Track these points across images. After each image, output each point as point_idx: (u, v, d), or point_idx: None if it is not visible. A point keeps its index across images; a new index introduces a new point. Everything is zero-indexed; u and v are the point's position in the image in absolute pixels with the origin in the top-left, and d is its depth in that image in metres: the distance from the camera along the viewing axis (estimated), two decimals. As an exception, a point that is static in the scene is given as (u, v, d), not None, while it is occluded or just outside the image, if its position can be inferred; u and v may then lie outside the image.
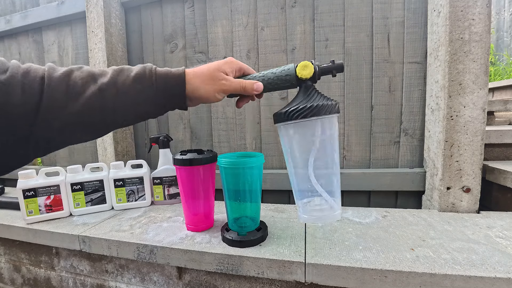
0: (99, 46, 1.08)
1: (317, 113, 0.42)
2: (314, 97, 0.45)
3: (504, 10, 3.18)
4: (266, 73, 0.48)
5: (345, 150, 0.98)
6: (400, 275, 0.52)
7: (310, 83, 0.47)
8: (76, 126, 0.35)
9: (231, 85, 0.45)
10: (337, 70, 0.49)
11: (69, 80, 0.34)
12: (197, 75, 0.42)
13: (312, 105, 0.42)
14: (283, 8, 0.98)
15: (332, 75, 0.49)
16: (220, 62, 0.46)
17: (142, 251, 0.69)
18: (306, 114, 0.42)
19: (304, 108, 0.43)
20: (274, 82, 0.48)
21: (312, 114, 0.42)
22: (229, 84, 0.45)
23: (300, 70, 0.46)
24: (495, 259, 0.54)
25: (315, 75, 0.47)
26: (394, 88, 0.92)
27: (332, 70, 0.49)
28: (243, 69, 0.50)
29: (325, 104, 0.43)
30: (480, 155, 0.77)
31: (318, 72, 0.48)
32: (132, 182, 0.93)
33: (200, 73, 0.43)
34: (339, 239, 0.66)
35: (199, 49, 1.08)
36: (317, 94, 0.46)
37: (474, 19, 0.73)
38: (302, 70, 0.46)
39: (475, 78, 0.75)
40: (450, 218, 0.76)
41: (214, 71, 0.43)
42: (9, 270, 0.96)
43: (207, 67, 0.44)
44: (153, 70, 0.40)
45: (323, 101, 0.43)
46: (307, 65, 0.46)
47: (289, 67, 0.48)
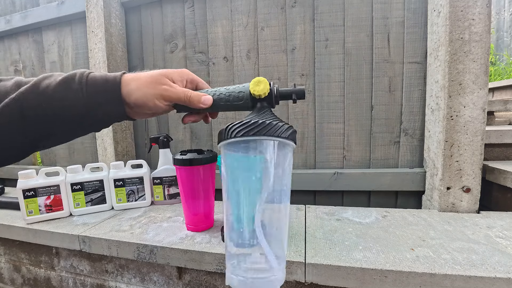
0: (99, 46, 1.08)
1: (267, 132, 0.32)
2: (268, 117, 0.36)
3: (504, 10, 3.18)
4: (219, 89, 0.42)
5: (345, 150, 0.98)
6: (400, 275, 0.52)
7: (266, 104, 0.39)
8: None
9: (174, 92, 0.38)
10: (297, 95, 0.41)
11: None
12: (137, 77, 0.37)
13: (264, 122, 0.32)
14: (283, 8, 0.98)
15: (292, 101, 0.41)
16: (170, 69, 0.41)
17: (142, 251, 0.69)
18: (251, 131, 0.32)
19: (250, 123, 0.32)
20: (226, 99, 0.41)
21: (260, 132, 0.32)
22: (172, 91, 0.38)
23: (253, 85, 0.38)
24: (495, 259, 0.54)
25: (272, 96, 0.39)
26: (394, 88, 0.92)
27: (291, 94, 0.41)
28: (196, 81, 0.44)
29: (280, 125, 0.33)
30: (480, 155, 0.77)
31: (275, 93, 0.40)
32: (132, 182, 0.93)
33: (141, 76, 0.37)
34: (339, 239, 0.66)
35: (199, 49, 1.08)
36: (273, 116, 0.37)
37: (474, 19, 0.73)
38: (255, 86, 0.38)
39: (475, 78, 0.75)
40: (450, 218, 0.76)
41: (158, 76, 0.38)
42: (9, 270, 0.96)
43: (152, 71, 0.39)
44: (85, 74, 0.35)
45: (281, 122, 0.34)
46: (261, 81, 0.38)
47: (244, 85, 0.40)
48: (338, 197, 0.99)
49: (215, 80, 1.07)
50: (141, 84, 0.37)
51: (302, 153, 1.01)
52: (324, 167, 1.00)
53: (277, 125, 0.32)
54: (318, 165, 1.00)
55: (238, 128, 0.32)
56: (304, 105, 0.99)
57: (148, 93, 0.37)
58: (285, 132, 0.33)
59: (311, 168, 1.01)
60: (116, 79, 0.36)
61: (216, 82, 1.07)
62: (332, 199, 1.00)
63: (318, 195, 1.01)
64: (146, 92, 0.37)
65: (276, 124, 0.32)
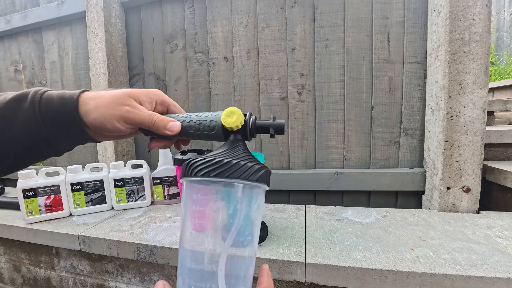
0: (99, 46, 1.08)
1: (232, 174, 0.27)
2: (238, 154, 0.31)
3: (504, 10, 3.18)
4: (191, 115, 0.37)
5: (345, 150, 0.98)
6: (400, 275, 0.52)
7: (239, 137, 0.34)
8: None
9: (137, 114, 0.34)
10: (275, 130, 0.36)
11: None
12: (97, 96, 0.33)
13: (230, 162, 0.27)
14: (283, 8, 0.98)
15: (270, 135, 0.36)
16: (137, 89, 0.36)
17: (142, 251, 0.69)
18: (214, 171, 0.27)
19: (213, 161, 0.27)
20: (196, 127, 0.36)
21: (223, 174, 0.27)
22: (135, 113, 0.34)
23: (225, 116, 0.33)
24: (495, 259, 0.54)
25: (246, 128, 0.34)
26: (394, 88, 0.92)
27: (269, 127, 0.36)
28: (167, 103, 0.39)
29: (249, 165, 0.28)
30: (480, 155, 0.77)
31: (251, 125, 0.35)
32: (132, 182, 0.93)
33: (102, 95, 0.33)
34: (339, 239, 0.66)
35: (199, 49, 1.08)
36: (245, 153, 0.31)
37: (474, 19, 0.73)
38: (226, 117, 0.33)
39: (475, 78, 0.75)
40: (450, 218, 0.76)
41: (121, 95, 0.34)
42: (9, 270, 0.96)
43: (117, 90, 0.35)
44: (40, 91, 0.32)
45: (251, 162, 0.29)
46: (234, 112, 0.33)
47: (217, 113, 0.35)
48: (338, 197, 0.99)
49: (215, 80, 1.07)
50: (101, 103, 0.33)
51: (302, 153, 1.01)
52: (324, 167, 1.00)
53: (245, 165, 0.27)
54: (318, 165, 1.00)
55: (200, 166, 0.27)
56: (304, 105, 0.99)
57: (107, 114, 0.33)
58: (255, 173, 0.28)
59: (311, 168, 1.01)
60: (73, 97, 0.32)
61: (216, 82, 1.07)
62: (332, 199, 1.00)
63: (318, 195, 1.01)
64: (105, 112, 0.33)
65: (245, 164, 0.28)
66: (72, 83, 1.26)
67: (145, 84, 1.17)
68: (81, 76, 1.24)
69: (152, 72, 1.15)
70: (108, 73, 1.07)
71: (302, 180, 0.98)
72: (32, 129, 0.31)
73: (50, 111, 0.31)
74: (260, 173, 0.29)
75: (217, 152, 0.31)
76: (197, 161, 0.28)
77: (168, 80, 1.13)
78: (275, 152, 1.04)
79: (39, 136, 0.31)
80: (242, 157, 0.29)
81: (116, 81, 1.11)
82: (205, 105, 1.10)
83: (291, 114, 1.01)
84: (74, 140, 0.34)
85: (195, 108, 1.11)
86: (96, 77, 1.10)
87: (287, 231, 0.71)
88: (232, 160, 0.28)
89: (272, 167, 1.04)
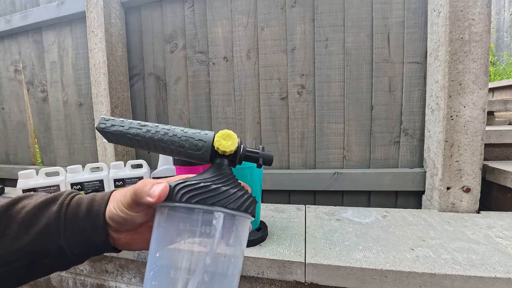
0: (99, 46, 1.08)
1: (219, 202, 0.26)
2: (226, 180, 0.29)
3: (504, 10, 3.18)
4: (174, 128, 0.33)
5: (345, 150, 0.98)
6: (400, 275, 0.52)
7: (226, 162, 0.32)
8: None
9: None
10: (264, 160, 0.34)
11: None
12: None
13: (218, 188, 0.26)
14: (283, 8, 0.98)
15: (257, 164, 0.34)
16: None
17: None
18: (197, 196, 0.25)
19: (199, 186, 0.26)
20: (180, 143, 0.32)
21: (208, 200, 0.25)
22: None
23: (220, 139, 0.31)
24: (495, 259, 0.54)
25: (237, 155, 0.32)
26: (394, 88, 0.92)
27: (258, 158, 0.34)
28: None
29: (239, 194, 0.27)
30: (480, 155, 0.77)
31: (241, 153, 0.33)
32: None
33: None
34: (339, 239, 0.66)
35: (199, 49, 1.08)
36: (232, 179, 0.30)
37: (474, 19, 0.73)
38: (222, 140, 0.31)
39: (475, 78, 0.75)
40: (450, 218, 0.76)
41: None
42: (9, 270, 0.96)
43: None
44: (70, 195, 0.29)
45: (238, 190, 0.28)
46: (231, 136, 0.31)
47: (207, 133, 0.32)
48: (338, 197, 0.99)
49: (215, 80, 1.07)
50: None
51: (302, 153, 1.01)
52: (324, 167, 1.00)
53: (235, 193, 0.26)
54: (318, 165, 1.00)
55: (184, 189, 0.25)
56: (304, 105, 0.99)
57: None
58: (243, 203, 0.27)
59: (311, 168, 1.01)
60: (104, 198, 0.30)
61: (216, 82, 1.07)
62: (332, 199, 1.00)
63: (318, 195, 1.01)
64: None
65: (235, 192, 0.26)
66: (72, 83, 1.26)
67: (145, 84, 1.17)
68: (81, 76, 1.24)
69: (152, 72, 1.15)
70: (108, 73, 1.07)
71: (302, 180, 0.98)
72: (52, 233, 0.27)
73: (76, 212, 0.28)
74: (248, 202, 0.27)
75: (203, 177, 0.28)
76: (181, 183, 0.26)
77: (168, 80, 1.13)
78: (275, 152, 1.04)
79: (55, 241, 0.27)
80: (230, 184, 0.28)
81: (116, 81, 1.11)
82: (205, 105, 1.10)
83: (291, 114, 1.01)
84: (95, 248, 0.29)
85: (195, 108, 1.11)
86: (96, 77, 1.10)
87: (287, 231, 0.71)
88: (221, 187, 0.26)
89: (272, 167, 1.05)
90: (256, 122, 1.05)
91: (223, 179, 0.29)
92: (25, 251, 0.27)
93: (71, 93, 1.27)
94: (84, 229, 0.28)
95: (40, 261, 0.27)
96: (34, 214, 0.28)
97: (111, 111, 1.08)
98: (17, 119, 1.41)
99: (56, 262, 0.28)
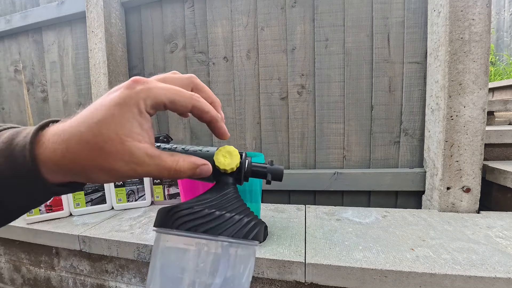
0: (99, 46, 1.08)
1: (224, 232, 0.23)
2: (229, 203, 0.26)
3: (504, 10, 3.18)
4: (175, 147, 0.31)
5: (345, 150, 0.98)
6: (400, 275, 0.52)
7: (231, 180, 0.29)
8: None
9: (149, 168, 0.22)
10: (273, 176, 0.30)
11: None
12: (66, 130, 0.20)
13: (222, 215, 0.23)
14: (283, 8, 0.98)
15: (266, 181, 0.31)
16: (156, 85, 0.22)
17: (142, 251, 0.69)
18: (201, 226, 0.23)
19: (201, 214, 0.23)
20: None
21: (212, 231, 0.23)
22: (146, 169, 0.22)
23: (219, 156, 0.28)
24: (495, 259, 0.54)
25: (241, 171, 0.29)
26: (394, 88, 0.92)
27: (266, 173, 0.30)
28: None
29: (245, 220, 0.24)
30: (480, 155, 0.77)
31: (246, 169, 0.29)
32: (132, 182, 0.93)
33: (73, 126, 0.20)
34: (339, 239, 0.65)
35: (199, 49, 1.08)
36: (236, 201, 0.27)
37: (474, 19, 0.73)
38: (220, 156, 0.28)
39: (475, 78, 0.75)
40: (450, 218, 0.76)
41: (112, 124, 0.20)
42: (9, 270, 0.96)
43: (107, 101, 0.21)
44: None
45: (243, 214, 0.24)
46: (231, 153, 0.28)
47: (208, 149, 0.30)
48: (338, 197, 0.99)
49: (215, 80, 1.07)
50: (71, 147, 0.22)
51: (302, 153, 1.01)
52: (324, 167, 1.00)
53: (241, 219, 0.24)
54: (318, 165, 1.00)
55: (183, 217, 0.23)
56: (304, 105, 0.99)
57: (81, 164, 0.22)
58: (250, 230, 0.24)
59: (311, 168, 1.01)
60: (26, 145, 0.21)
61: (216, 82, 1.07)
62: (332, 199, 1.00)
63: (318, 195, 1.01)
64: (78, 161, 0.22)
65: (241, 218, 0.24)
66: (72, 83, 1.26)
67: (145, 84, 1.17)
68: (81, 76, 1.24)
69: (152, 72, 1.15)
70: (108, 73, 1.07)
71: (302, 180, 0.98)
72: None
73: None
74: (256, 230, 0.24)
75: (207, 200, 0.25)
76: (181, 211, 0.23)
77: (168, 80, 1.13)
78: (275, 152, 1.04)
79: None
80: (233, 209, 0.25)
81: (116, 81, 1.11)
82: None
83: (291, 114, 1.01)
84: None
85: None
86: (96, 77, 1.10)
87: (287, 231, 0.71)
88: (225, 214, 0.24)
89: (272, 167, 1.04)
90: (256, 122, 1.05)
91: (227, 201, 0.26)
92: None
93: (71, 93, 1.27)
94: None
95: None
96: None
97: (111, 111, 1.08)
98: (17, 119, 1.41)
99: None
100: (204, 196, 0.26)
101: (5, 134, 0.21)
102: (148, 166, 0.21)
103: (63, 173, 0.21)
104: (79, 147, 0.20)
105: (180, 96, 0.22)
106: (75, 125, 0.20)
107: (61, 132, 0.20)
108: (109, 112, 0.20)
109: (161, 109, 0.22)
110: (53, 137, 0.20)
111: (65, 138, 0.20)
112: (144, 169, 0.21)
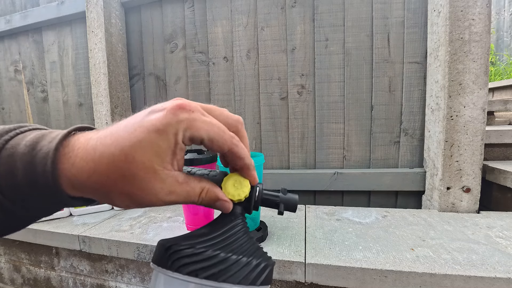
0: (99, 46, 1.08)
1: (229, 279, 0.20)
2: (236, 241, 0.23)
3: (504, 10, 3.18)
4: (185, 168, 0.26)
5: (345, 150, 0.98)
6: (400, 275, 0.52)
7: (239, 210, 0.25)
8: None
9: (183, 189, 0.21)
10: (286, 206, 0.27)
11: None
12: (95, 148, 0.19)
13: (228, 259, 0.20)
14: (283, 8, 0.98)
15: (278, 211, 0.27)
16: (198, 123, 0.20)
17: (142, 251, 0.69)
18: (203, 271, 0.20)
19: (204, 256, 0.20)
20: None
21: (215, 274, 0.20)
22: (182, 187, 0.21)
23: (227, 184, 0.25)
24: (495, 259, 0.54)
25: (251, 201, 0.26)
26: (394, 88, 0.92)
27: (278, 203, 0.27)
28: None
29: (254, 263, 0.21)
30: (480, 155, 0.77)
31: (256, 198, 0.26)
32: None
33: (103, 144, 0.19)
34: (339, 239, 0.65)
35: (199, 49, 1.08)
36: (244, 237, 0.23)
37: (474, 19, 0.73)
38: (230, 186, 0.25)
39: (475, 78, 0.75)
40: (450, 218, 0.76)
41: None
42: (9, 270, 0.96)
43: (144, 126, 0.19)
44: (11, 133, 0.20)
45: (251, 256, 0.21)
46: (241, 182, 0.25)
47: (215, 174, 0.27)
48: (338, 197, 0.99)
49: (215, 80, 1.07)
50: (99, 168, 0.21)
51: (302, 153, 1.01)
52: (324, 167, 1.00)
53: (249, 263, 0.21)
54: (318, 165, 1.00)
55: (184, 259, 0.20)
56: (304, 105, 0.99)
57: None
58: (258, 275, 0.21)
59: (311, 168, 1.01)
60: (49, 153, 0.20)
61: (216, 82, 1.07)
62: (332, 199, 1.00)
63: (318, 195, 1.01)
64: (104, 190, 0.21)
65: (249, 261, 0.21)
66: (72, 83, 1.26)
67: (145, 84, 1.17)
68: (81, 76, 1.24)
69: (152, 72, 1.15)
70: (108, 73, 1.07)
71: (302, 180, 0.98)
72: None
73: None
74: (265, 273, 0.22)
75: (209, 236, 0.23)
76: (182, 250, 0.20)
77: (168, 80, 1.13)
78: (275, 152, 1.04)
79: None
80: (245, 246, 0.23)
81: (116, 81, 1.11)
82: (205, 105, 1.10)
83: (291, 114, 1.01)
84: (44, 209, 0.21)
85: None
86: (96, 77, 1.10)
87: (287, 231, 0.71)
88: (231, 256, 0.21)
89: (272, 167, 1.05)
90: (256, 122, 1.05)
91: (233, 236, 0.23)
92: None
93: (71, 93, 1.27)
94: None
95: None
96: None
97: (111, 111, 1.08)
98: (17, 119, 1.41)
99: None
100: (209, 230, 0.23)
101: (30, 135, 0.19)
102: (177, 196, 0.21)
103: (85, 191, 0.20)
104: (108, 171, 0.18)
105: (220, 137, 0.21)
106: (108, 144, 0.19)
107: (92, 149, 0.19)
108: (147, 137, 0.19)
109: (197, 143, 0.21)
110: (81, 152, 0.19)
111: (95, 158, 0.18)
112: (171, 198, 0.21)
